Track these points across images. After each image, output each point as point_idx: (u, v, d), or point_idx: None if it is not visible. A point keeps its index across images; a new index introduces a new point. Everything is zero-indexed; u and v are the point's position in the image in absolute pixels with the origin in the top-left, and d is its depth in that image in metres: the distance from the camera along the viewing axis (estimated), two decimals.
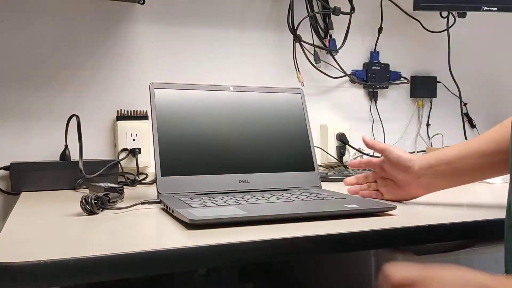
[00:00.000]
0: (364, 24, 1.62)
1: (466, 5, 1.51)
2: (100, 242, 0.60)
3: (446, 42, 1.65)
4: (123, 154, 1.26)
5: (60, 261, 0.52)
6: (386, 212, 0.81)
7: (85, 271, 0.53)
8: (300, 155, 1.01)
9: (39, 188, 1.12)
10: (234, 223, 0.70)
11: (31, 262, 0.51)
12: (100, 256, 0.54)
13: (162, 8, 1.37)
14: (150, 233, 0.66)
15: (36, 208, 0.88)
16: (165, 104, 0.95)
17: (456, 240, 0.79)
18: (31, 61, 1.25)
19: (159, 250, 0.57)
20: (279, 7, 1.51)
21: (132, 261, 0.55)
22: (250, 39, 1.48)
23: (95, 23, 1.30)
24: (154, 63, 1.37)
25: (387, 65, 1.63)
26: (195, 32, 1.41)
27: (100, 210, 0.81)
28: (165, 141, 0.92)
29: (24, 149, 1.24)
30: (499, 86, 1.85)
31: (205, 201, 0.82)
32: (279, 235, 0.64)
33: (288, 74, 1.51)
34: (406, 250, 0.75)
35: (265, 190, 0.95)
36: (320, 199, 0.86)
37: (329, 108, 1.58)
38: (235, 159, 0.96)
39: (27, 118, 1.24)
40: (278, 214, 0.73)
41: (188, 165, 0.92)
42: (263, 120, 1.01)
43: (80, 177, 1.14)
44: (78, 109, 1.28)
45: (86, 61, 1.30)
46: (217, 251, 0.60)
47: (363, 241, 0.68)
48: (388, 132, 1.65)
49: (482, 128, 1.80)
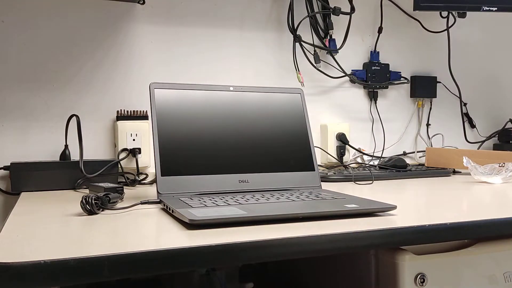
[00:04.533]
0: (364, 24, 1.62)
1: (466, 5, 1.51)
2: (100, 242, 0.60)
3: (446, 42, 1.65)
4: (123, 154, 1.26)
5: (60, 261, 0.52)
6: (386, 212, 0.81)
7: (85, 271, 0.53)
8: (300, 155, 1.01)
9: (39, 188, 1.12)
10: (234, 223, 0.70)
11: (31, 262, 0.51)
12: (100, 256, 0.54)
13: (162, 8, 1.37)
14: (150, 233, 0.66)
15: (36, 208, 0.88)
16: (165, 104, 0.95)
17: (456, 240, 0.79)
18: (31, 61, 1.25)
19: (159, 250, 0.57)
20: (279, 7, 1.51)
21: (132, 261, 0.55)
22: (250, 39, 1.48)
23: (95, 23, 1.31)
24: (154, 63, 1.37)
25: (387, 65, 1.63)
26: (195, 32, 1.41)
27: (100, 210, 0.81)
28: (165, 141, 0.92)
29: (24, 149, 1.24)
30: (499, 86, 1.85)
31: (205, 201, 0.82)
32: (279, 235, 0.64)
33: (288, 74, 1.51)
34: (406, 250, 0.75)
35: (265, 190, 0.96)
36: (320, 199, 0.86)
37: (329, 108, 1.58)
38: (235, 159, 0.96)
39: (27, 118, 1.24)
40: (278, 214, 0.73)
41: (188, 165, 0.92)
42: (263, 120, 1.01)
43: (80, 177, 1.14)
44: (78, 109, 1.28)
45: (86, 61, 1.30)
46: (217, 251, 0.60)
47: (363, 241, 0.68)
48: (388, 132, 1.65)
49: (482, 128, 1.81)
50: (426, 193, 1.07)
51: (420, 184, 1.23)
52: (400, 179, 1.32)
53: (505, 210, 0.84)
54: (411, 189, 1.14)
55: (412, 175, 1.36)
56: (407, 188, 1.14)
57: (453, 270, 0.77)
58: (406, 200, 0.96)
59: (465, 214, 0.80)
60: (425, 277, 0.75)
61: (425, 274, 0.75)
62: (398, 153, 1.66)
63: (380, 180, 1.28)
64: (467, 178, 1.33)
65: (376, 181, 1.27)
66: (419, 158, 1.68)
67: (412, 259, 0.74)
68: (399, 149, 1.68)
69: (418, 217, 0.78)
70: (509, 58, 1.85)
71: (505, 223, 0.78)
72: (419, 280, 0.74)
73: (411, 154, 1.69)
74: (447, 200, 0.95)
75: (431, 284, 0.75)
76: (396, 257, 0.74)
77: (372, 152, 1.62)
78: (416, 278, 0.74)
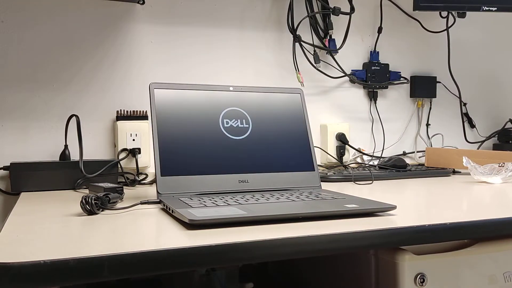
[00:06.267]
0: (364, 24, 1.62)
1: (466, 5, 1.51)
2: (100, 242, 0.60)
3: (445, 42, 1.65)
4: (123, 154, 1.26)
5: (60, 261, 0.52)
6: (386, 211, 0.81)
7: (85, 271, 0.53)
8: (300, 155, 1.01)
9: (39, 188, 1.12)
10: (234, 223, 0.70)
11: (31, 262, 0.51)
12: (99, 256, 0.54)
13: (162, 8, 1.37)
14: (150, 233, 0.66)
15: (36, 208, 0.88)
16: (165, 104, 0.95)
17: (456, 240, 0.79)
18: (31, 62, 1.25)
19: (159, 250, 0.57)
20: (279, 7, 1.51)
21: (131, 261, 0.55)
22: (249, 39, 1.48)
23: (95, 23, 1.30)
24: (154, 63, 1.37)
25: (387, 65, 1.63)
26: (195, 32, 1.41)
27: (100, 210, 0.81)
28: (165, 141, 0.92)
29: (24, 149, 1.24)
30: (499, 86, 1.85)
31: (205, 201, 0.82)
32: (279, 235, 0.64)
33: (288, 74, 1.51)
34: (406, 250, 0.75)
35: (265, 190, 0.96)
36: (320, 199, 0.86)
37: (329, 108, 1.58)
38: (234, 159, 0.96)
39: (27, 118, 1.24)
40: (278, 214, 0.73)
41: (188, 165, 0.92)
42: (263, 120, 1.01)
43: (80, 177, 1.14)
44: (78, 109, 1.28)
45: (86, 61, 1.30)
46: (216, 251, 0.60)
47: (363, 241, 0.68)
48: (388, 132, 1.65)
49: (481, 128, 1.81)
50: (426, 193, 1.07)
51: (420, 184, 1.23)
52: (400, 179, 1.32)
53: (505, 210, 0.84)
54: (411, 189, 1.14)
55: (412, 175, 1.36)
56: (407, 188, 1.14)
57: (453, 270, 0.77)
58: (406, 200, 0.96)
59: (465, 214, 0.80)
60: (425, 277, 0.75)
61: (425, 274, 0.75)
62: (398, 153, 1.66)
63: (380, 180, 1.28)
64: (466, 178, 1.33)
65: (376, 181, 1.27)
66: (419, 158, 1.68)
67: (412, 259, 0.74)
68: (399, 149, 1.68)
69: (418, 217, 0.78)
70: (509, 58, 1.85)
71: (505, 223, 0.78)
72: (419, 280, 0.74)
73: (411, 154, 1.69)
74: (446, 200, 0.95)
75: (431, 284, 0.75)
76: (396, 257, 0.74)
77: (372, 152, 1.62)
78: (416, 278, 0.74)
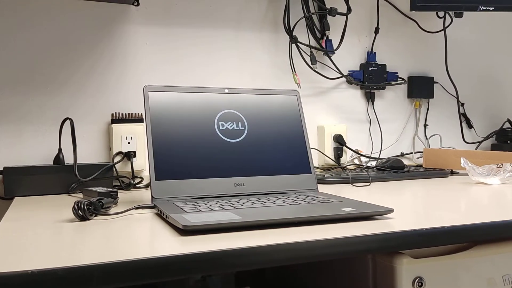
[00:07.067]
0: (361, 25, 1.61)
1: (462, 5, 1.50)
2: (91, 249, 0.59)
3: (443, 42, 1.64)
4: (118, 158, 1.25)
5: (48, 270, 0.51)
6: (383, 215, 0.80)
7: (74, 281, 0.52)
8: (296, 158, 1.00)
9: (33, 193, 1.11)
10: (228, 228, 0.69)
11: (18, 272, 0.50)
12: (89, 265, 0.53)
13: (157, 10, 1.36)
14: (143, 240, 0.64)
15: (28, 213, 0.86)
16: (159, 107, 0.94)
17: (454, 243, 0.78)
18: (24, 64, 1.24)
19: (150, 258, 0.55)
20: (275, 8, 1.50)
21: (121, 270, 0.54)
22: (246, 40, 1.46)
23: (89, 25, 1.29)
24: (149, 65, 1.36)
25: (384, 65, 1.62)
26: (190, 33, 1.40)
27: (93, 215, 0.80)
28: (160, 144, 0.91)
29: (17, 153, 1.22)
30: (497, 86, 1.84)
31: (199, 206, 0.80)
32: (274, 241, 0.63)
33: (285, 76, 1.50)
34: (404, 253, 0.74)
35: (261, 193, 0.94)
36: (316, 202, 0.85)
37: (326, 109, 1.57)
38: (230, 162, 0.95)
39: (20, 122, 1.23)
40: (273, 219, 0.72)
41: (183, 168, 0.91)
42: (259, 122, 1.00)
43: (74, 181, 1.13)
44: (72, 112, 1.27)
45: (80, 64, 1.29)
46: (210, 258, 0.58)
47: (360, 246, 0.67)
48: (385, 133, 1.64)
49: (479, 128, 1.80)
50: (424, 194, 1.06)
51: (418, 185, 1.22)
52: (397, 181, 1.31)
53: (503, 212, 0.83)
54: (408, 190, 1.13)
55: (409, 176, 1.35)
56: (404, 190, 1.14)
57: (452, 273, 0.76)
58: (404, 202, 0.95)
59: (463, 216, 0.79)
60: (423, 281, 0.74)
61: (423, 278, 0.74)
62: (395, 154, 1.65)
63: (377, 182, 1.28)
64: (465, 179, 1.32)
65: (373, 182, 1.26)
66: (416, 159, 1.67)
67: (410, 263, 0.73)
68: (396, 150, 1.67)
69: (415, 220, 0.77)
70: (506, 57, 1.85)
71: (504, 226, 0.77)
72: (417, 284, 0.73)
73: (409, 155, 1.68)
74: (445, 202, 0.94)
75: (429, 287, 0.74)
76: (394, 261, 0.73)
77: (370, 154, 1.61)
78: (414, 282, 0.73)
